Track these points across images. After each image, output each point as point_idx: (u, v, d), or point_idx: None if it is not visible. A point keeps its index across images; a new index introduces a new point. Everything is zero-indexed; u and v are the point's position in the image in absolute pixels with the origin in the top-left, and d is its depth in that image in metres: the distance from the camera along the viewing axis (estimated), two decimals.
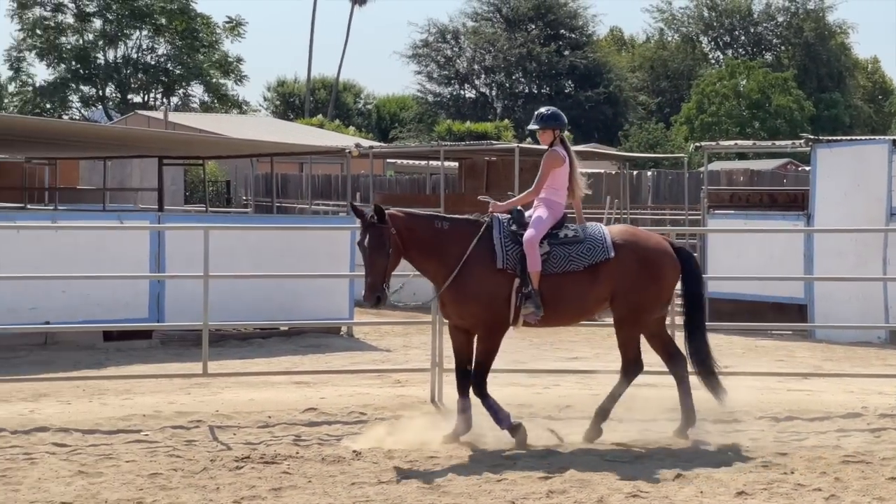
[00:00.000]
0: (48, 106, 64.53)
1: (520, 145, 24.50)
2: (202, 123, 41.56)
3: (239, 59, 67.38)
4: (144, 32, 65.96)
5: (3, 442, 10.43)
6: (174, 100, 66.56)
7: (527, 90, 76.35)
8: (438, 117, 71.64)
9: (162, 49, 66.78)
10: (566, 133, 10.93)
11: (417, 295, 13.16)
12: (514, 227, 10.39)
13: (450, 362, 11.41)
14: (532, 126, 10.80)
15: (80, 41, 65.07)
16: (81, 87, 66.44)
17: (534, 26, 76.35)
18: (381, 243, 10.12)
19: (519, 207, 10.59)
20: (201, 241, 12.34)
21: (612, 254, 10.35)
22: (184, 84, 67.12)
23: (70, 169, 33.34)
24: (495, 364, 10.55)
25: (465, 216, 10.74)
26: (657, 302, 10.68)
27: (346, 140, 39.15)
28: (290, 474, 9.36)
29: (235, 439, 10.59)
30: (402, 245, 10.24)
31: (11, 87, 67.60)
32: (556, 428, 10.82)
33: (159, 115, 43.27)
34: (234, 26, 67.23)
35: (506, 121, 63.15)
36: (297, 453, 10.07)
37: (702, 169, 27.24)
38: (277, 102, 78.48)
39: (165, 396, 12.68)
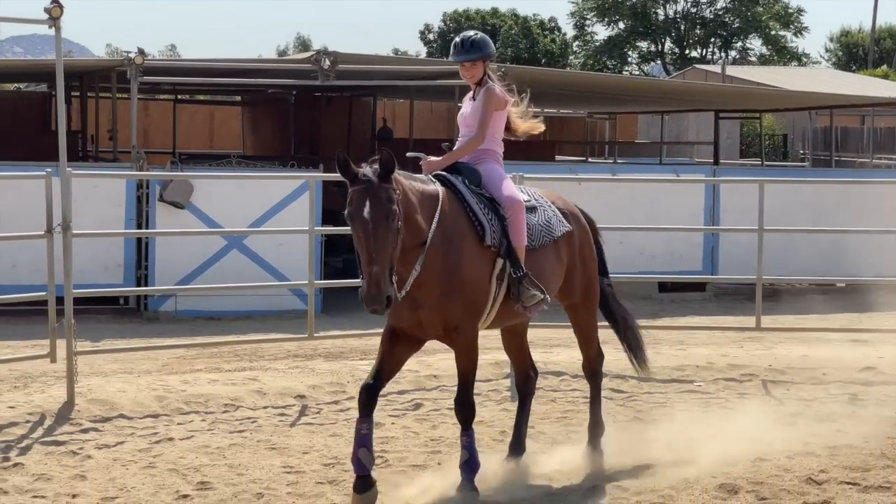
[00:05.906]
0: (608, 62, 66.35)
1: None
2: (759, 76, 41.04)
3: (800, 11, 66.12)
4: None
5: (565, 385, 10.96)
6: (732, 53, 66.27)
7: None
8: None
9: (721, 3, 66.70)
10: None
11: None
12: (477, 190, 7.71)
13: None
14: (456, 57, 7.88)
15: None
16: (639, 43, 67.73)
17: None
18: (387, 213, 6.84)
19: (468, 163, 7.84)
20: (756, 195, 12.25)
21: (569, 224, 8.24)
22: (742, 37, 66.71)
23: (629, 123, 34.19)
24: None
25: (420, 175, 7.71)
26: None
27: None
28: (844, 432, 9.16)
29: (788, 395, 10.50)
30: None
31: (575, 46, 70.13)
32: None
33: (716, 69, 43.22)
34: None
35: None
36: (853, 413, 9.84)
37: None
38: (840, 54, 76.07)
39: (718, 349, 12.77)
